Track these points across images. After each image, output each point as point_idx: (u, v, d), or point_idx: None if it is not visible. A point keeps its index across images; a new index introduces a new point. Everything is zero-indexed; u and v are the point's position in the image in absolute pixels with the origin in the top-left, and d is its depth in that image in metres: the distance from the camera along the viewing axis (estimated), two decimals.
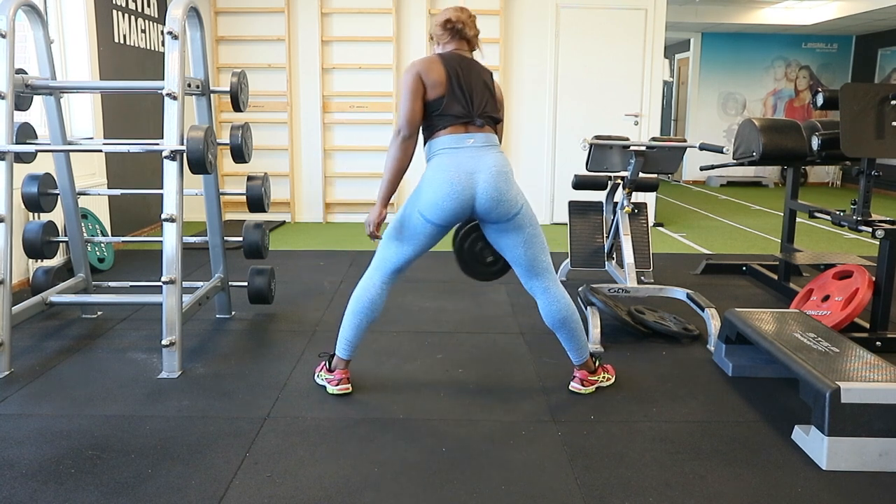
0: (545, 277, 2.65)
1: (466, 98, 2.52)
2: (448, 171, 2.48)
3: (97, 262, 4.72)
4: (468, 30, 2.60)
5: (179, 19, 3.01)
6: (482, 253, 2.78)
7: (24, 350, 3.20)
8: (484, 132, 2.55)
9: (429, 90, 2.49)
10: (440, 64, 2.52)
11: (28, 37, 3.61)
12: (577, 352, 2.74)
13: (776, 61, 10.67)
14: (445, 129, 2.52)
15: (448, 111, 2.50)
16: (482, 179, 2.48)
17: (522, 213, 2.56)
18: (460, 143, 2.50)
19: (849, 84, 3.33)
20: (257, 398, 2.71)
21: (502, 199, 2.50)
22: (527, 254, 2.60)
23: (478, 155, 2.50)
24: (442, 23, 2.59)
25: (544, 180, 6.95)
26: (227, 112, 6.71)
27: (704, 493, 2.07)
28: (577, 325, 2.69)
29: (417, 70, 2.50)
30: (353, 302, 2.68)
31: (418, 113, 2.50)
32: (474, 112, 2.53)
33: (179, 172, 3.00)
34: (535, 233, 2.61)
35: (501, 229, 2.58)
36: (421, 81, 2.49)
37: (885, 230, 3.18)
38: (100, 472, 2.14)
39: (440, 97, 2.49)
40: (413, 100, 2.49)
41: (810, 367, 2.39)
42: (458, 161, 2.49)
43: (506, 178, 2.51)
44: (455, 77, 2.51)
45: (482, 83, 2.58)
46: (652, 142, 3.84)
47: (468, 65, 2.57)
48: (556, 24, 6.69)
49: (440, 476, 2.15)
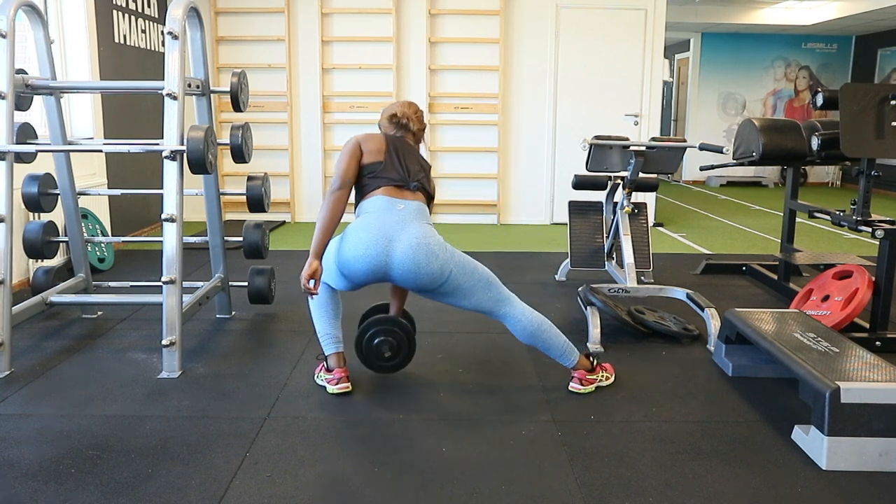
0: (500, 307, 2.66)
1: (403, 167, 2.66)
2: (367, 233, 2.51)
3: (97, 262, 4.72)
4: (412, 124, 2.80)
5: (179, 19, 3.01)
6: (380, 349, 2.82)
7: (24, 350, 3.20)
8: (416, 200, 2.65)
9: (365, 155, 2.65)
10: (382, 137, 2.72)
11: (28, 37, 3.62)
12: (563, 357, 2.74)
13: (776, 61, 10.67)
14: (379, 190, 2.62)
15: (384, 174, 2.64)
16: (399, 250, 2.48)
17: (451, 279, 2.55)
18: (391, 206, 2.57)
19: (848, 84, 3.33)
20: (257, 398, 2.71)
21: (421, 273, 2.50)
22: (472, 302, 2.63)
23: (402, 222, 2.53)
24: (388, 116, 2.80)
25: (544, 180, 6.95)
26: (227, 112, 6.72)
27: (704, 493, 2.08)
28: (548, 335, 2.69)
29: (358, 139, 2.68)
30: (311, 302, 2.77)
31: (352, 171, 2.62)
32: (410, 179, 2.64)
33: (179, 172, 3.00)
34: (473, 283, 2.59)
35: (436, 294, 2.61)
36: (359, 147, 2.66)
37: (885, 230, 3.18)
38: (100, 472, 2.15)
39: (377, 162, 2.64)
40: (348, 160, 2.62)
41: (810, 367, 2.39)
42: (381, 224, 2.52)
43: (427, 250, 2.49)
44: (394, 149, 2.68)
45: (418, 163, 2.73)
46: (652, 142, 3.84)
47: (408, 147, 2.75)
48: (556, 24, 6.69)
49: (440, 476, 2.15)
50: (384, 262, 2.49)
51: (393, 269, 2.50)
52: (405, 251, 2.47)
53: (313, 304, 2.77)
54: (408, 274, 2.49)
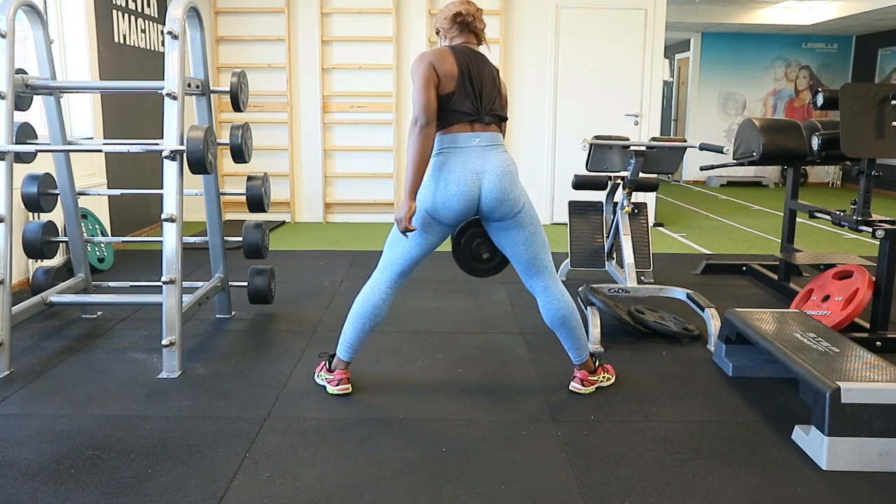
0: (545, 276, 2.65)
1: (476, 95, 2.50)
2: (455, 172, 2.48)
3: (97, 262, 4.72)
4: (477, 23, 2.58)
5: (179, 19, 3.01)
6: (478, 249, 2.78)
7: (24, 350, 3.20)
8: (490, 131, 2.54)
9: (441, 80, 2.45)
10: (452, 57, 2.49)
11: (28, 37, 3.61)
12: (577, 351, 2.74)
13: (776, 61, 10.67)
14: (452, 127, 2.50)
15: (457, 107, 2.48)
16: (487, 179, 2.49)
17: (524, 212, 2.57)
18: (467, 142, 2.50)
19: (849, 84, 3.33)
20: (257, 398, 2.71)
21: (506, 199, 2.51)
22: (527, 251, 2.60)
23: (483, 154, 2.50)
24: (451, 16, 2.55)
25: (544, 180, 6.95)
26: (227, 112, 6.71)
27: (704, 493, 2.07)
28: (577, 325, 2.69)
29: (430, 60, 2.46)
30: (356, 305, 2.67)
31: (434, 101, 2.44)
32: (483, 110, 2.51)
33: (179, 172, 3.00)
34: (536, 231, 2.61)
35: (503, 227, 2.58)
36: (434, 71, 2.45)
37: (886, 230, 3.18)
38: (100, 472, 2.14)
39: (450, 92, 2.47)
40: (428, 88, 2.43)
41: (810, 367, 2.39)
42: (465, 160, 2.49)
43: (510, 177, 2.51)
44: (467, 72, 2.49)
45: (491, 79, 2.56)
46: (652, 142, 3.84)
47: (479, 60, 2.55)
48: (556, 24, 6.69)
49: (440, 476, 2.15)
50: (476, 195, 2.49)
51: (483, 199, 2.50)
52: (492, 180, 2.49)
53: (360, 308, 2.65)
54: (494, 201, 2.50)
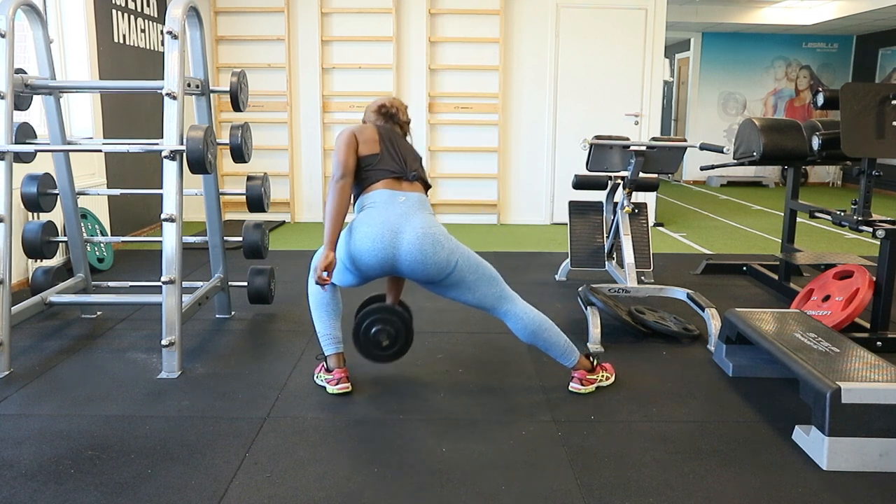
0: (502, 304, 2.66)
1: (399, 158, 2.65)
2: (373, 227, 2.50)
3: (97, 262, 4.72)
4: (401, 115, 2.82)
5: (179, 19, 3.01)
6: (377, 337, 2.77)
7: (23, 350, 3.19)
8: (416, 191, 2.64)
9: (361, 146, 2.61)
10: (374, 129, 2.69)
11: (28, 37, 3.61)
12: (563, 357, 2.73)
13: (776, 61, 10.66)
14: (379, 183, 2.60)
15: (382, 166, 2.61)
16: (406, 241, 2.49)
17: (457, 270, 2.56)
18: (392, 199, 2.56)
19: (849, 84, 3.33)
20: (257, 398, 2.71)
21: (428, 263, 2.50)
22: (475, 297, 2.63)
23: (407, 214, 2.54)
24: (377, 108, 2.79)
25: (544, 180, 6.94)
26: (226, 112, 6.71)
27: (704, 493, 2.07)
28: (549, 334, 2.69)
29: (351, 130, 2.65)
30: (311, 301, 2.77)
31: (352, 161, 2.59)
32: (407, 170, 2.64)
33: (179, 172, 3.00)
34: (477, 276, 2.60)
35: (440, 286, 2.61)
36: (354, 138, 2.62)
37: (886, 230, 3.18)
38: (100, 472, 2.14)
39: (374, 153, 2.63)
40: (346, 150, 2.59)
41: (811, 368, 2.39)
42: (385, 217, 2.52)
43: (433, 240, 2.50)
44: (388, 140, 2.67)
45: (413, 154, 2.74)
46: (652, 142, 3.84)
47: (400, 137, 2.75)
48: (556, 24, 6.68)
49: (440, 476, 2.15)
50: (392, 255, 2.49)
51: (400, 261, 2.50)
52: (412, 241, 2.48)
53: (314, 303, 2.76)
54: (415, 265, 2.50)
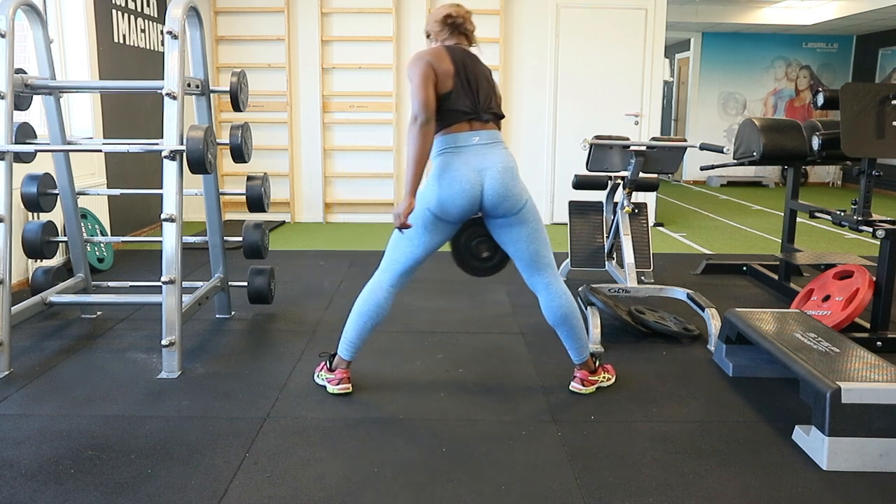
0: (547, 273, 2.65)
1: (474, 93, 2.52)
2: (457, 170, 2.49)
3: (97, 262, 4.71)
4: (468, 24, 2.62)
5: (179, 19, 3.01)
6: (478, 248, 2.78)
7: (23, 350, 3.19)
8: (488, 129, 2.55)
9: (439, 78, 2.46)
10: (448, 55, 2.51)
11: (28, 37, 3.61)
12: (578, 351, 2.73)
13: (776, 61, 10.66)
14: (451, 127, 2.51)
15: (455, 106, 2.49)
16: (489, 176, 2.50)
17: (527, 208, 2.58)
18: (467, 141, 2.52)
19: (849, 84, 3.33)
20: (257, 398, 2.71)
21: (508, 195, 2.52)
22: (529, 248, 2.60)
23: (484, 152, 2.51)
24: (442, 18, 2.58)
25: (544, 180, 6.94)
26: (226, 112, 6.71)
27: (704, 493, 2.07)
28: (578, 323, 2.69)
29: (427, 59, 2.47)
30: (359, 303, 2.68)
31: (433, 98, 2.44)
32: (480, 108, 2.53)
33: (179, 172, 3.00)
34: (538, 228, 2.62)
35: (506, 224, 2.59)
36: (432, 69, 2.46)
37: (886, 230, 3.18)
38: (100, 472, 2.14)
39: (448, 91, 2.48)
40: (427, 86, 2.43)
41: (811, 368, 2.39)
42: (466, 159, 2.50)
43: (512, 174, 2.53)
44: (463, 70, 2.51)
45: (486, 78, 2.59)
46: (652, 142, 3.84)
47: (473, 59, 2.58)
48: (556, 24, 6.68)
49: (440, 476, 2.15)
50: (478, 192, 2.50)
51: (485, 196, 2.51)
52: (494, 176, 2.50)
53: (363, 306, 2.66)
54: (497, 198, 2.51)
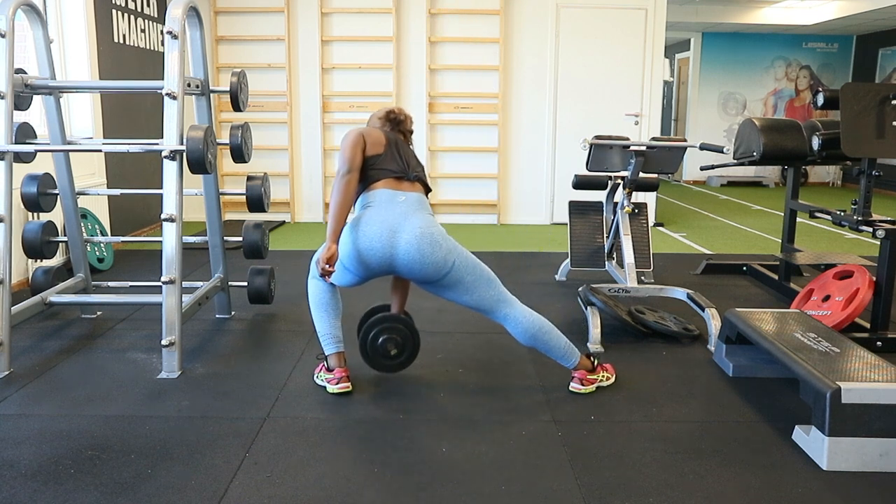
0: (500, 308, 2.67)
1: (403, 160, 2.71)
2: (372, 226, 2.55)
3: (97, 262, 4.71)
4: (407, 123, 2.91)
5: (179, 19, 3.01)
6: (385, 346, 2.79)
7: (23, 350, 3.19)
8: (416, 192, 2.70)
9: (368, 146, 2.67)
10: (381, 133, 2.76)
11: (28, 37, 3.61)
12: (563, 359, 2.74)
13: (776, 61, 10.66)
14: (380, 182, 2.66)
15: (384, 165, 2.66)
16: (404, 240, 2.52)
17: (455, 270, 2.58)
18: (392, 198, 2.62)
19: (849, 84, 3.33)
20: (257, 398, 2.71)
21: (426, 262, 2.53)
22: (472, 299, 2.64)
23: (406, 213, 2.58)
24: (384, 114, 2.88)
25: (544, 180, 6.94)
26: (226, 112, 6.71)
27: (704, 493, 2.07)
28: (549, 336, 2.70)
29: (360, 130, 2.70)
30: (311, 300, 2.80)
31: (358, 158, 2.63)
32: (409, 170, 2.70)
33: (179, 172, 3.00)
34: (475, 278, 2.62)
35: (438, 286, 2.62)
36: (363, 138, 2.67)
37: (886, 230, 3.18)
38: (100, 472, 2.14)
39: (378, 154, 2.67)
40: (354, 148, 2.63)
41: (811, 368, 2.39)
42: (384, 216, 2.56)
43: (430, 240, 2.53)
44: (394, 143, 2.74)
45: (415, 159, 2.82)
46: (652, 142, 3.84)
47: (404, 143, 2.83)
48: (556, 24, 6.68)
49: (440, 476, 2.15)
50: (390, 253, 2.53)
51: (398, 259, 2.53)
52: (409, 241, 2.51)
53: (314, 303, 2.78)
54: (413, 264, 2.53)
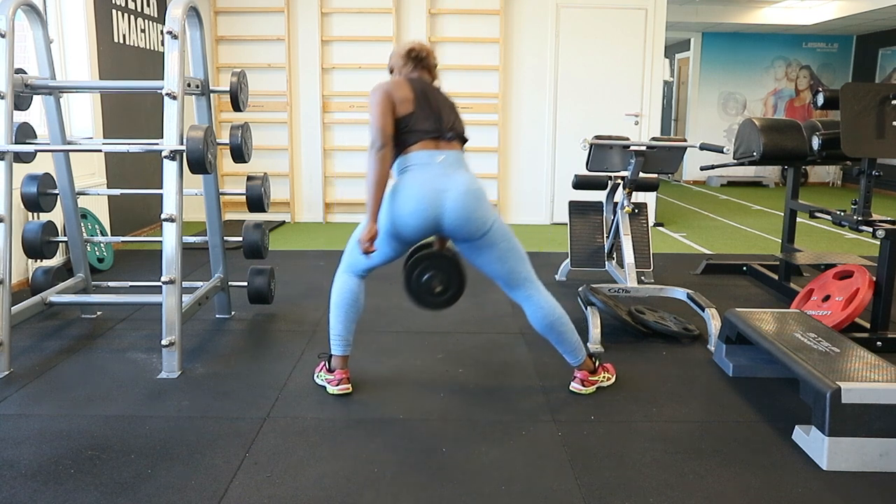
0: (526, 287, 2.65)
1: (435, 115, 2.56)
2: (416, 189, 2.48)
3: (97, 262, 4.71)
4: (431, 59, 2.71)
5: (179, 19, 3.01)
6: (430, 283, 2.75)
7: (23, 350, 3.19)
8: (454, 149, 2.58)
9: (397, 106, 2.52)
10: (407, 84, 2.58)
11: (28, 37, 3.61)
12: (571, 354, 2.74)
13: (776, 61, 10.66)
14: (416, 145, 2.54)
15: (418, 126, 2.53)
16: (450, 198, 2.48)
17: (493, 230, 2.55)
18: (429, 159, 2.52)
19: (849, 84, 3.33)
20: (257, 398, 2.71)
21: (470, 218, 2.49)
22: (503, 268, 2.61)
23: (447, 173, 2.51)
24: (405, 52, 2.67)
25: (544, 180, 6.94)
26: (226, 112, 6.71)
27: (704, 493, 2.07)
28: (565, 328, 2.69)
29: (385, 88, 2.54)
30: (335, 298, 2.72)
31: (390, 125, 2.50)
32: (444, 128, 2.57)
33: (179, 172, 3.00)
34: (510, 246, 2.60)
35: (474, 247, 2.58)
36: (390, 98, 2.52)
37: (886, 230, 3.18)
38: (100, 472, 2.14)
39: (409, 114, 2.52)
40: (383, 114, 2.50)
41: (811, 368, 2.39)
42: (426, 178, 2.50)
43: (475, 196, 2.50)
44: (423, 95, 2.57)
45: (448, 105, 2.64)
46: (652, 142, 3.84)
47: (434, 89, 2.65)
48: (556, 24, 6.68)
49: (440, 476, 2.15)
50: (436, 214, 2.48)
51: (445, 218, 2.49)
52: (456, 198, 2.48)
53: (337, 301, 2.71)
54: (459, 220, 2.49)
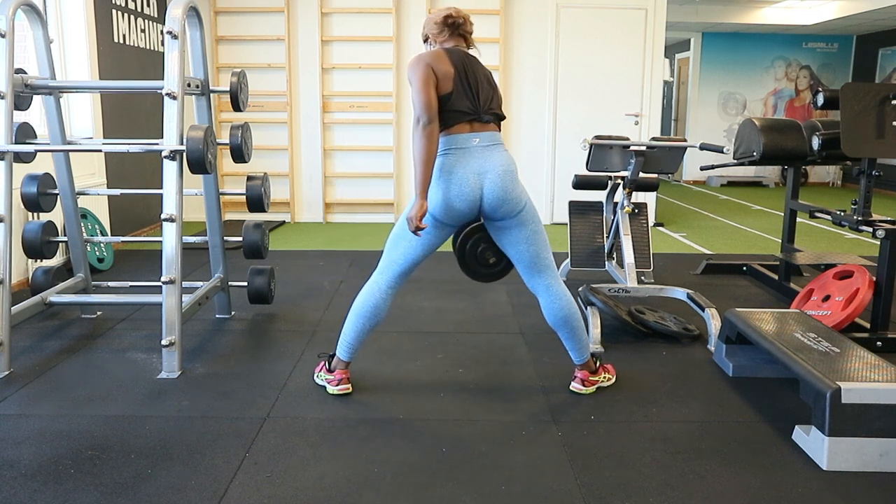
0: (547, 275, 2.65)
1: (473, 94, 2.51)
2: (458, 173, 2.48)
3: (97, 262, 4.71)
4: (467, 25, 2.62)
5: (179, 19, 3.01)
6: (484, 255, 2.77)
7: (23, 350, 3.19)
8: (489, 130, 2.55)
9: (440, 81, 2.46)
10: (447, 57, 2.50)
11: (28, 37, 3.61)
12: (579, 351, 2.73)
13: (776, 61, 10.66)
14: (452, 128, 2.50)
15: (455, 107, 2.48)
16: (489, 179, 2.49)
17: (526, 211, 2.57)
18: (467, 142, 2.50)
19: (849, 84, 3.33)
20: (257, 398, 2.71)
21: (507, 198, 2.51)
22: (529, 250, 2.60)
23: (485, 154, 2.50)
24: (441, 19, 2.58)
25: (544, 180, 6.94)
26: (226, 112, 6.71)
27: (704, 493, 2.07)
28: (578, 324, 2.69)
29: (427, 61, 2.47)
30: (357, 304, 2.67)
31: (435, 99, 2.43)
32: (481, 109, 2.52)
33: (179, 172, 3.00)
34: (538, 230, 2.61)
35: (505, 226, 2.59)
36: (432, 71, 2.45)
37: (886, 230, 3.18)
38: (100, 472, 2.14)
39: (448, 93, 2.46)
40: (427, 88, 2.42)
41: (811, 368, 2.39)
42: (466, 161, 2.49)
43: (511, 176, 2.52)
44: (463, 71, 2.50)
45: (486, 79, 2.58)
46: (652, 142, 3.84)
47: (472, 61, 2.57)
48: (556, 24, 6.68)
49: (440, 476, 2.15)
50: (478, 195, 2.50)
51: (484, 199, 2.51)
52: (493, 179, 2.49)
53: (358, 306, 2.66)
54: (497, 201, 2.50)
